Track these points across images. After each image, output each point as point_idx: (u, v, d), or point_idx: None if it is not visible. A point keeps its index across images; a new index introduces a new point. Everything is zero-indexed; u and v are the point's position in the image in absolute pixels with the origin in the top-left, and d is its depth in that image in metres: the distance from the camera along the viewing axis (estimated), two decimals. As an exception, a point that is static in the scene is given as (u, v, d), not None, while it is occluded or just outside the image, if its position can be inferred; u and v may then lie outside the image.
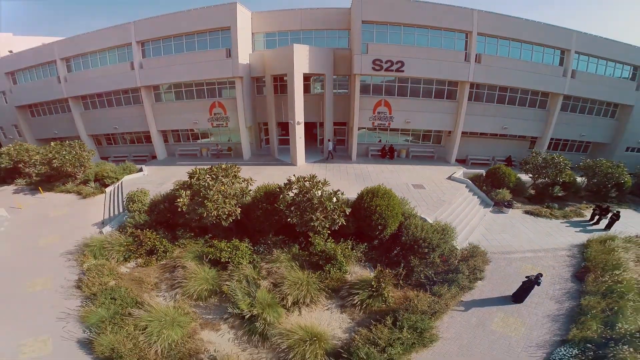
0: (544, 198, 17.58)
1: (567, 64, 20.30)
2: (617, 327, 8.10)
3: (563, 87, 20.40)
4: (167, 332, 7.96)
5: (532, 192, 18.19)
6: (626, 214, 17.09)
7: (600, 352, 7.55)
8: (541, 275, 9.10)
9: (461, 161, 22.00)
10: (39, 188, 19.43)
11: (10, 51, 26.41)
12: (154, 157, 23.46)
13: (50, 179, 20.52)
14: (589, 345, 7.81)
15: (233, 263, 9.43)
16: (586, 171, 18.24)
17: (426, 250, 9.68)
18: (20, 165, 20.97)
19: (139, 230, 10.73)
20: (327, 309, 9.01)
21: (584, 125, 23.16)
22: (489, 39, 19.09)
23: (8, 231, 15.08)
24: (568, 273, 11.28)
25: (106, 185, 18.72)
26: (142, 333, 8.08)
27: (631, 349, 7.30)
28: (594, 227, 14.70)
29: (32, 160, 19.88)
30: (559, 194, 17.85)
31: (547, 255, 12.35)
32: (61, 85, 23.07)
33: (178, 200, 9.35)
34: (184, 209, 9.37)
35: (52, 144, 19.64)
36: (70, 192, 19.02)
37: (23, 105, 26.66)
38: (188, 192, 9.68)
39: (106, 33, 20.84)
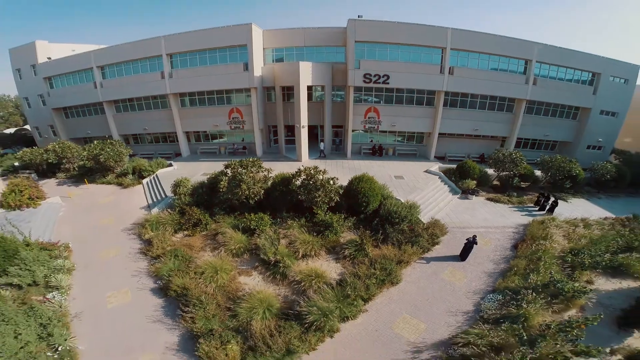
0: (507, 188, 21.17)
1: (529, 72, 23.66)
2: (529, 280, 11.38)
3: (526, 93, 23.94)
4: (219, 275, 11.56)
5: (497, 183, 21.89)
6: (578, 202, 20.69)
7: (515, 296, 10.78)
8: (476, 236, 12.85)
9: (441, 158, 25.73)
10: (85, 180, 23.08)
11: (49, 58, 29.68)
12: (178, 154, 27.18)
13: (88, 173, 24.10)
14: (508, 292, 11.06)
15: (259, 229, 13.19)
16: (543, 165, 21.81)
17: (397, 220, 13.46)
18: (63, 161, 24.73)
19: (187, 207, 14.48)
20: (326, 261, 12.79)
21: (548, 126, 26.77)
22: (461, 53, 22.51)
23: (66, 215, 18.50)
24: (509, 244, 14.77)
25: (143, 178, 22.42)
26: (200, 277, 11.50)
27: (534, 294, 10.43)
28: (540, 212, 18.32)
29: (81, 156, 23.50)
30: (519, 184, 21.58)
31: (497, 230, 15.97)
32: (97, 90, 26.57)
33: (220, 183, 13.10)
34: (224, 190, 13.11)
35: (96, 142, 23.27)
36: (111, 184, 22.62)
37: (58, 108, 30.22)
38: (226, 177, 13.43)
39: (139, 45, 24.19)
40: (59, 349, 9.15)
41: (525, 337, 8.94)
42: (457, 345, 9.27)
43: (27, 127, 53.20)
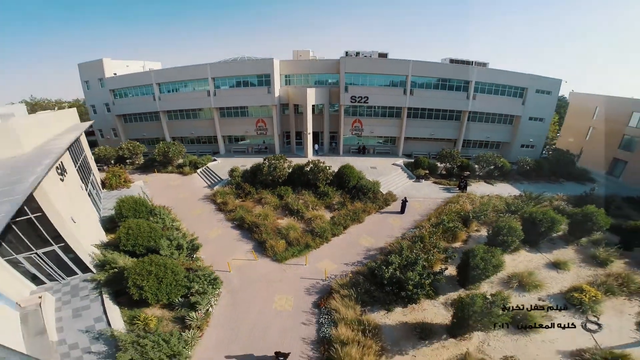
0: (451, 176, 30.84)
1: (470, 90, 32.64)
2: (431, 221, 21.23)
3: (467, 106, 33.24)
4: (268, 217, 21.21)
5: (444, 172, 31.57)
6: (503, 186, 29.25)
7: (421, 229, 20.54)
8: (406, 197, 22.65)
9: (409, 155, 35.35)
10: (155, 170, 32.54)
11: (115, 73, 38.53)
12: (215, 152, 36.74)
13: (151, 166, 33.25)
14: (420, 227, 20.62)
15: (286, 196, 23.01)
16: (477, 160, 31.39)
17: (366, 191, 23.31)
18: (133, 156, 34.21)
19: (242, 183, 24.25)
20: (324, 212, 22.54)
21: (488, 130, 35.99)
22: (420, 78, 31.94)
23: (152, 193, 27.31)
24: (435, 207, 24.17)
25: (197, 168, 32.01)
26: (258, 218, 21.23)
27: (430, 226, 20.18)
28: (459, 191, 27.61)
29: (152, 152, 32.97)
30: (460, 173, 31.06)
31: (430, 200, 25.41)
32: (156, 102, 35.82)
33: (263, 168, 22.92)
34: (265, 172, 22.95)
35: (162, 143, 32.75)
36: (172, 173, 32.03)
37: (120, 114, 39.51)
38: (266, 165, 23.28)
39: (190, 69, 33.19)
40: (193, 256, 16.88)
41: (417, 242, 18.55)
42: (387, 247, 18.95)
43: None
